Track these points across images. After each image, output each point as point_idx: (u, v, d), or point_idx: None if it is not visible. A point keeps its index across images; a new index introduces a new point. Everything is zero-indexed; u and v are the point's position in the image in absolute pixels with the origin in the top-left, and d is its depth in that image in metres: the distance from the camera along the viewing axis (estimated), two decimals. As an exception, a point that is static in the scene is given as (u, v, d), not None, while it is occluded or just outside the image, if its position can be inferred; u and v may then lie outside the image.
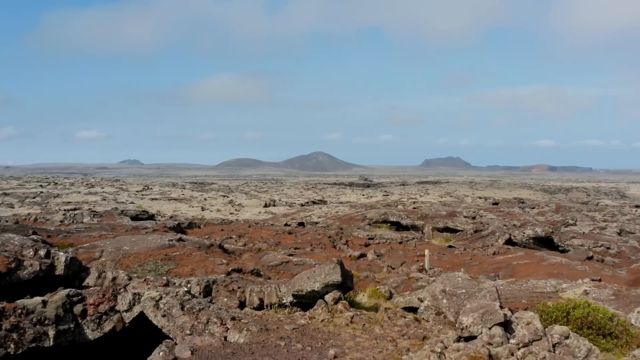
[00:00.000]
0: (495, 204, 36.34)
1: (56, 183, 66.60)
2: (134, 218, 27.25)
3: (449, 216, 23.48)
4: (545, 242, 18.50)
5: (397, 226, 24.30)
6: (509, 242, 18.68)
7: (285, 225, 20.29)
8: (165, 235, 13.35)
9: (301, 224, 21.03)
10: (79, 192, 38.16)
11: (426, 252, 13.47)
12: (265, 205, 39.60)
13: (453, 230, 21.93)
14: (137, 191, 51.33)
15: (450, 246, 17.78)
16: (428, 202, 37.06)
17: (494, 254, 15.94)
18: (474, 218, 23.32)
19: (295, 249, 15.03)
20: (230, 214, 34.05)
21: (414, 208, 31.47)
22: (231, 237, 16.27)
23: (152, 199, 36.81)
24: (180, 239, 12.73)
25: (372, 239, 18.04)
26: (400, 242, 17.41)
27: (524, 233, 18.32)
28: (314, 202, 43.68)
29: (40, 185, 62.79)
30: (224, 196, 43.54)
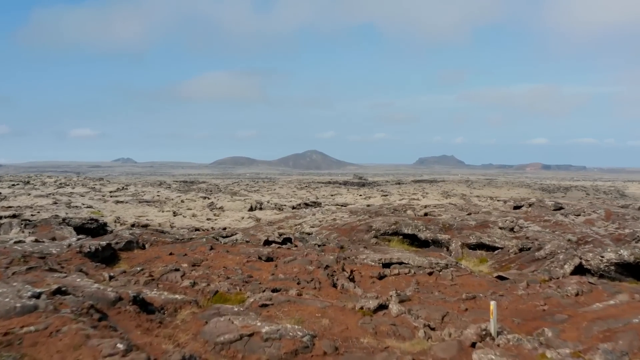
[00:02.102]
0: (518, 207, 30.78)
1: (28, 182, 60.39)
2: (79, 228, 21.40)
3: (480, 227, 17.85)
4: (631, 270, 12.95)
5: (411, 239, 18.66)
6: (578, 269, 13.09)
7: (265, 243, 14.54)
8: (37, 281, 7.57)
9: (287, 240, 15.31)
10: (29, 195, 32.24)
11: (492, 305, 7.87)
12: (251, 209, 33.90)
13: (489, 248, 16.31)
14: (110, 192, 45.38)
15: (500, 277, 12.16)
16: (439, 204, 31.46)
17: (577, 294, 10.35)
18: (512, 230, 17.69)
19: (273, 291, 9.34)
20: (207, 219, 28.30)
21: (426, 214, 25.82)
22: (178, 269, 10.56)
23: (118, 202, 31.02)
24: (58, 291, 6.99)
25: (388, 266, 12.38)
26: (431, 273, 11.74)
27: (601, 257, 12.71)
28: (306, 204, 38.02)
29: (13, 185, 56.69)
30: (205, 198, 37.72)
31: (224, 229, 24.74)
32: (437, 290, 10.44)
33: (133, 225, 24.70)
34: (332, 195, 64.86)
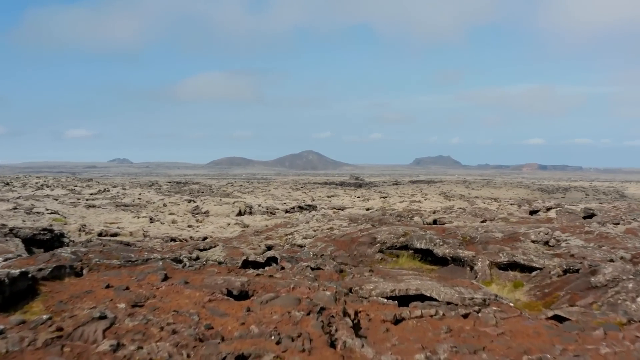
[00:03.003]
0: (534, 212, 27.55)
1: (8, 183, 56.87)
2: (29, 240, 17.99)
3: (509, 240, 14.59)
4: None
5: (424, 254, 15.38)
6: (655, 301, 9.87)
7: (244, 265, 11.25)
8: None
9: (272, 260, 12.02)
10: (-11, 198, 28.84)
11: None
12: (239, 213, 30.56)
13: (524, 268, 13.06)
14: (91, 194, 41.96)
15: (557, 317, 8.92)
16: (446, 207, 28.25)
17: (685, 353, 7.15)
18: (547, 244, 14.44)
19: (238, 358, 6.08)
20: (188, 226, 24.95)
21: (436, 222, 22.53)
22: (105, 316, 7.29)
23: (90, 207, 27.66)
24: None
25: (405, 301, 9.12)
26: (466, 315, 8.49)
27: (688, 287, 9.52)
28: (301, 208, 34.71)
29: (-8, 186, 53.26)
30: (190, 201, 34.32)
31: (205, 238, 21.43)
32: (482, 346, 7.14)
33: (100, 235, 21.33)
34: (328, 197, 61.66)
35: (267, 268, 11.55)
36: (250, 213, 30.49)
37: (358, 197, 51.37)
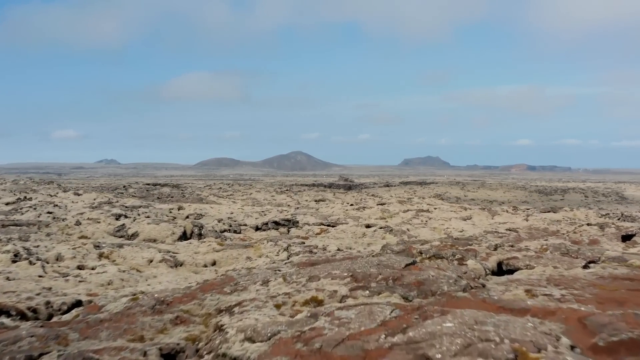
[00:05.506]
0: (629, 237, 17.45)
1: None
2: None
3: None
4: None
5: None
6: None
7: None
8: None
9: None
10: None
11: None
12: (184, 236, 20.00)
13: None
14: (7, 203, 31.44)
15: None
16: (464, 216, 18.27)
17: None
18: None
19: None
20: (77, 268, 14.52)
21: (500, 266, 12.34)
22: None
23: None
24: None
25: None
26: None
27: None
28: (276, 224, 24.34)
29: None
30: (119, 216, 23.86)
31: (76, 304, 10.85)
32: None
33: None
34: (316, 202, 51.58)
35: None
36: (200, 235, 20.14)
37: (351, 205, 41.16)
